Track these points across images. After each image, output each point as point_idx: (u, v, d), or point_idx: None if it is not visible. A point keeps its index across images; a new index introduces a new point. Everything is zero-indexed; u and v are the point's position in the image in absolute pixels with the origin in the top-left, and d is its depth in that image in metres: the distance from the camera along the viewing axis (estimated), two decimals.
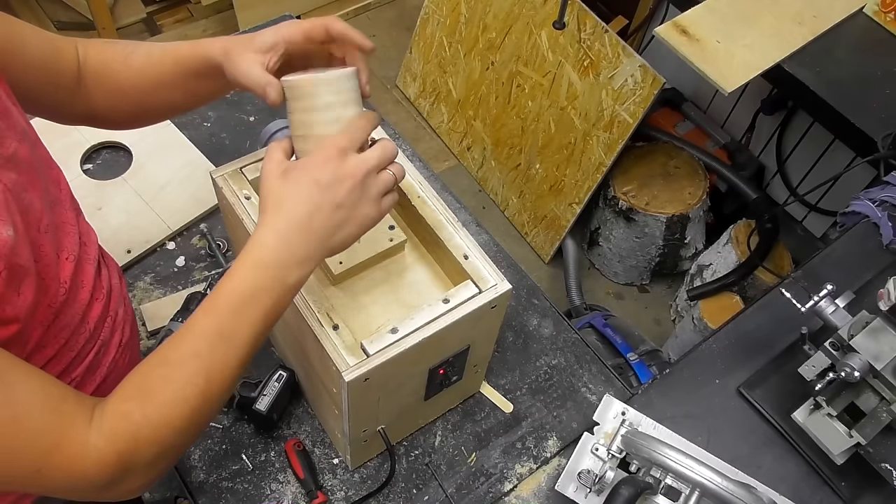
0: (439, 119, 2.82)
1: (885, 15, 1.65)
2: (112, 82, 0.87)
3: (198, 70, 0.85)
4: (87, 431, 0.64)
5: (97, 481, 0.65)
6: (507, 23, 2.41)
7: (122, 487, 0.67)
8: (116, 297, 0.90)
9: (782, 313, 1.17)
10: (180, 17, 2.95)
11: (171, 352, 0.69)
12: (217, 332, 0.69)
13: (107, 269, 0.91)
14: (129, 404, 0.66)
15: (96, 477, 0.64)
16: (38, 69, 0.80)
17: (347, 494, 1.03)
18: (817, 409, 1.00)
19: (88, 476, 0.64)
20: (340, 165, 0.71)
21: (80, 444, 0.63)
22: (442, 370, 0.93)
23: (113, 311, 0.89)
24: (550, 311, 1.24)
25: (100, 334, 0.85)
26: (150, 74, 0.86)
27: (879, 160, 1.42)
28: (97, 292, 0.85)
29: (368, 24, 3.17)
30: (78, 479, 0.64)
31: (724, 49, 1.58)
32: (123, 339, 0.91)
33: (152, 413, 0.66)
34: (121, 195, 1.26)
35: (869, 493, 1.06)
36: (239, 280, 0.70)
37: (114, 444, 0.64)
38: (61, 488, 0.65)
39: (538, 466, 1.08)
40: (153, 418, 0.66)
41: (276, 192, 0.72)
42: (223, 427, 1.07)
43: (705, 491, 0.88)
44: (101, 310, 0.85)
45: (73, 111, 0.88)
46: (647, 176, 2.31)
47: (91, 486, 0.65)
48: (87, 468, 0.64)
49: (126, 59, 0.87)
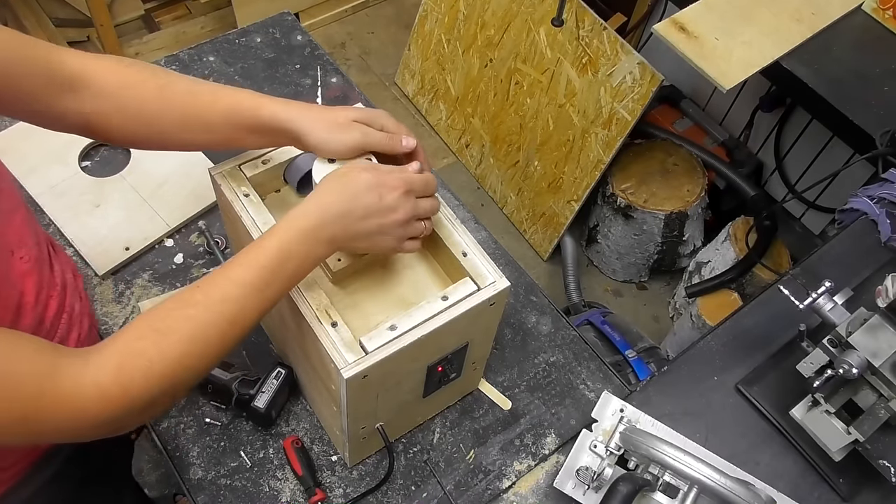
0: (438, 116, 2.81)
1: (883, 12, 1.65)
2: (134, 108, 0.85)
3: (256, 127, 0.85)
4: (79, 370, 0.66)
5: (99, 417, 0.67)
6: (506, 20, 2.40)
7: (126, 421, 0.70)
8: (71, 292, 0.90)
9: (780, 310, 1.17)
10: (178, 14, 2.95)
11: (200, 294, 0.73)
12: (251, 282, 0.74)
13: (59, 265, 0.91)
14: (143, 342, 0.69)
15: (98, 413, 0.66)
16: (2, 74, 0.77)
17: (346, 491, 1.03)
18: (815, 406, 1.00)
19: (88, 412, 0.66)
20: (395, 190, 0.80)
21: (71, 384, 0.65)
22: (440, 367, 0.93)
23: (69, 307, 0.89)
24: (549, 308, 1.24)
25: (56, 330, 0.86)
26: (193, 114, 0.85)
27: (878, 157, 1.42)
28: (50, 289, 0.85)
29: (367, 21, 3.17)
30: (75, 417, 0.66)
31: (723, 46, 1.58)
32: (81, 334, 0.91)
33: (168, 350, 0.70)
34: (119, 192, 1.26)
35: (867, 489, 1.06)
36: (278, 240, 0.76)
37: (119, 378, 0.67)
38: (56, 430, 0.67)
39: (536, 463, 1.08)
40: (168, 354, 0.69)
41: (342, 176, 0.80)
42: (222, 424, 1.07)
43: (703, 488, 0.89)
44: (56, 306, 0.85)
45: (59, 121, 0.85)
46: (645, 173, 2.31)
47: (91, 422, 0.67)
48: (87, 405, 0.65)
49: (162, 90, 0.84)
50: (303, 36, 1.55)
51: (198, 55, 1.48)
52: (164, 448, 1.04)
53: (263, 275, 0.74)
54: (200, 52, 1.49)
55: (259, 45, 1.52)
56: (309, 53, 1.52)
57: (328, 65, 1.50)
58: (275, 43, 1.53)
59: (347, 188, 0.79)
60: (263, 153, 0.93)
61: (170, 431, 1.06)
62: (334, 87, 1.47)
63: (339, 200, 0.78)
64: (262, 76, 1.47)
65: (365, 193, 0.79)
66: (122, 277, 1.19)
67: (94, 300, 1.16)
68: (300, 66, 1.50)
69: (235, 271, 0.75)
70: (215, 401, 1.07)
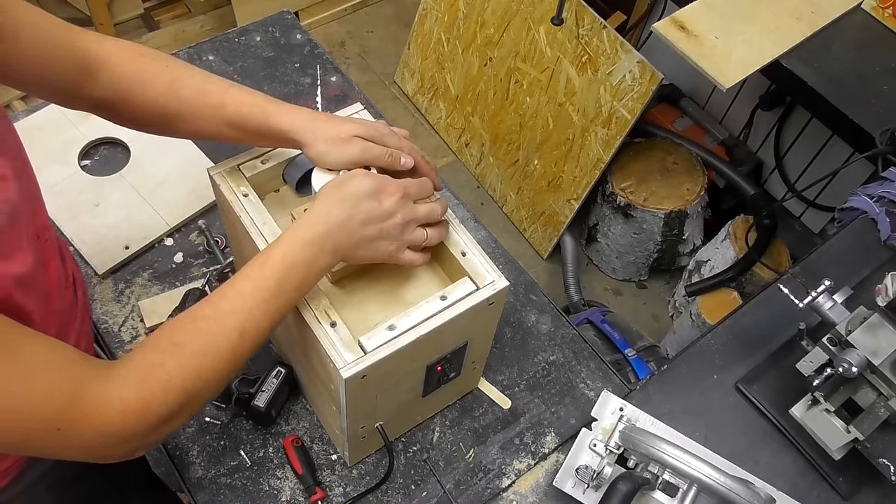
0: (437, 115, 2.81)
1: (883, 11, 1.65)
2: (146, 99, 0.87)
3: (262, 133, 0.87)
4: (105, 383, 0.66)
5: (122, 431, 0.67)
6: (505, 19, 2.40)
7: (146, 438, 0.70)
8: (80, 285, 0.91)
9: (780, 309, 1.17)
10: (178, 13, 2.95)
11: (209, 308, 0.74)
12: (257, 294, 0.75)
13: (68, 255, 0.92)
14: (162, 356, 0.70)
15: (121, 425, 0.66)
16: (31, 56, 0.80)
17: (346, 490, 1.03)
18: (815, 405, 1.00)
19: (113, 426, 0.66)
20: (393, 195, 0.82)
21: (98, 394, 0.65)
22: (440, 367, 0.93)
23: (80, 298, 0.90)
24: (548, 307, 1.24)
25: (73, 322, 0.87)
26: (201, 113, 0.87)
27: (877, 156, 1.42)
28: (65, 278, 0.86)
29: (367, 20, 3.17)
30: (101, 430, 0.66)
31: (722, 45, 1.58)
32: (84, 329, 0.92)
33: (185, 363, 0.71)
34: (119, 191, 1.26)
35: (866, 488, 1.06)
36: (282, 252, 0.77)
37: (141, 392, 0.67)
38: (84, 444, 0.66)
39: (536, 462, 1.08)
40: (185, 368, 0.71)
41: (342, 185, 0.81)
42: (221, 423, 1.07)
43: (703, 486, 0.89)
44: (70, 297, 0.86)
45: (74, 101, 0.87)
46: (645, 172, 2.31)
47: (115, 436, 0.67)
48: (112, 418, 0.66)
49: (172, 84, 0.86)
50: (302, 35, 1.55)
51: (197, 54, 1.48)
52: (163, 446, 1.04)
53: (269, 286, 0.75)
54: (200, 51, 1.49)
55: (258, 43, 1.52)
56: (308, 52, 1.52)
57: (328, 64, 1.50)
58: (274, 42, 1.53)
59: (348, 196, 0.80)
60: (262, 153, 0.94)
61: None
62: (334, 85, 1.47)
63: (340, 208, 0.79)
64: (262, 75, 1.47)
65: (365, 199, 0.80)
66: (122, 276, 1.19)
67: (94, 299, 1.16)
68: (300, 65, 1.50)
69: (242, 284, 0.76)
70: (215, 400, 1.07)
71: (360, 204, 0.80)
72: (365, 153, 0.85)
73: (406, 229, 0.84)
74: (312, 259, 0.78)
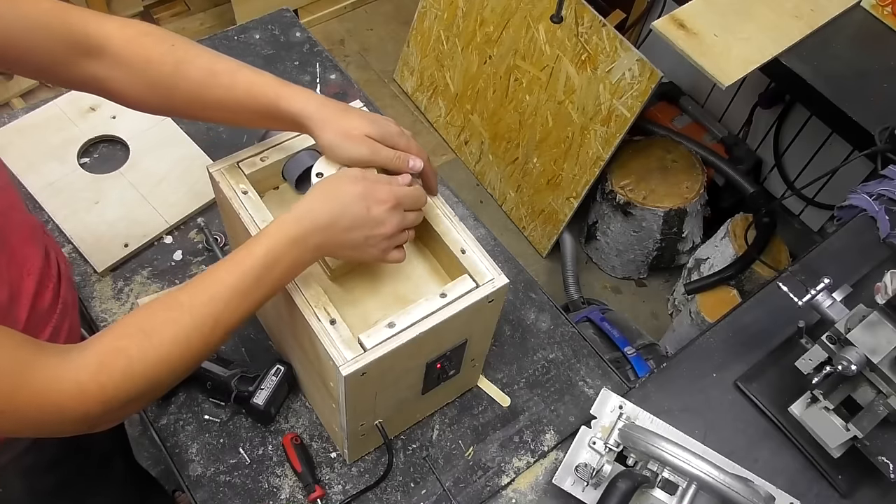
0: (437, 113, 2.81)
1: (882, 9, 1.65)
2: (151, 81, 0.85)
3: (272, 115, 0.86)
4: (58, 367, 0.66)
5: (76, 413, 0.67)
6: (505, 17, 2.40)
7: (104, 418, 0.70)
8: (66, 282, 0.91)
9: (779, 307, 1.17)
10: (177, 11, 2.95)
11: (185, 296, 0.74)
12: (236, 286, 0.75)
13: (54, 253, 0.92)
14: (126, 341, 0.70)
15: (75, 409, 0.67)
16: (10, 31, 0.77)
17: (345, 488, 1.03)
18: (814, 403, 1.00)
19: (65, 409, 0.66)
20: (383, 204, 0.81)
21: (49, 378, 0.65)
22: (439, 364, 0.93)
23: (63, 296, 0.90)
24: (548, 305, 1.24)
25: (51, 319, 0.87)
26: (209, 95, 0.86)
27: (877, 154, 1.42)
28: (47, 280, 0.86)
29: (366, 18, 3.17)
30: (53, 412, 0.66)
31: (722, 43, 1.58)
32: (73, 324, 0.92)
33: (150, 350, 0.70)
34: (118, 189, 1.26)
35: (865, 486, 1.06)
36: (266, 245, 0.76)
37: (98, 376, 0.67)
38: (35, 424, 0.67)
39: (535, 460, 1.08)
40: (150, 355, 0.70)
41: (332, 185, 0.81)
42: (221, 421, 1.07)
43: (702, 484, 0.89)
44: (51, 296, 0.86)
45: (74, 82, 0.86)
46: (644, 170, 2.31)
47: (69, 418, 0.67)
48: (64, 401, 0.66)
49: (178, 66, 0.84)
50: (301, 32, 1.54)
51: None
52: (163, 445, 1.04)
53: (249, 279, 0.75)
54: None
55: (258, 41, 1.52)
56: (308, 50, 1.52)
57: (327, 61, 1.50)
58: (274, 39, 1.53)
59: (337, 198, 0.79)
60: (261, 151, 0.93)
61: (169, 428, 1.06)
62: (333, 83, 1.47)
63: (327, 210, 0.79)
64: None
65: (353, 205, 0.79)
66: (121, 274, 1.19)
67: (93, 297, 1.16)
68: (299, 63, 1.49)
69: (221, 275, 0.75)
70: (214, 398, 1.07)
71: (346, 208, 0.79)
72: (374, 155, 0.84)
73: (393, 238, 0.83)
74: (295, 256, 0.78)
